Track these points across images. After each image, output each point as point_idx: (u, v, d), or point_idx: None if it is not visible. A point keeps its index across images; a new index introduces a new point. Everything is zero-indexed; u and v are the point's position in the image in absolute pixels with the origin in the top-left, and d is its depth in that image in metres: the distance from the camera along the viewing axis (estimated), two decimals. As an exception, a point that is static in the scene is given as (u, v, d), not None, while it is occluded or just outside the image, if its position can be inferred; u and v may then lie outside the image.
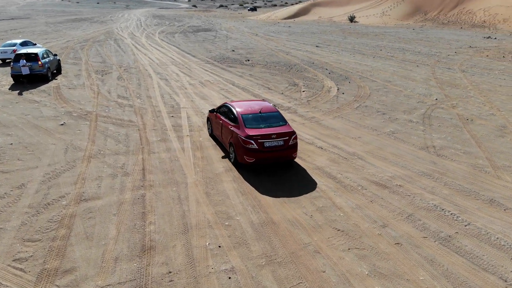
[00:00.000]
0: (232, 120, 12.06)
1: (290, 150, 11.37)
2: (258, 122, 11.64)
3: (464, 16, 71.55)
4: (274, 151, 11.12)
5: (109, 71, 26.07)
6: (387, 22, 72.57)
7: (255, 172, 11.58)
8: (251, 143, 10.97)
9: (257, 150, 10.99)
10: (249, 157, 11.04)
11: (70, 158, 12.32)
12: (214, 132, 13.82)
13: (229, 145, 12.09)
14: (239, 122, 11.64)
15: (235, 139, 11.46)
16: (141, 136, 14.32)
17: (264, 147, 11.03)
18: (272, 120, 11.84)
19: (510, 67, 28.44)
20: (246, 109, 12.12)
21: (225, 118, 12.54)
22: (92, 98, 19.39)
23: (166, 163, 12.15)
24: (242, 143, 11.11)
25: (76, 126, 15.28)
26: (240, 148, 11.19)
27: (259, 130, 11.30)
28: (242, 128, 11.42)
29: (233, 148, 11.68)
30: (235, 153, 11.54)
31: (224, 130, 12.51)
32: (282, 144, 11.17)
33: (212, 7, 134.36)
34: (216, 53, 34.63)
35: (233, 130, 11.69)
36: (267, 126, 11.53)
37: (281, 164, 12.17)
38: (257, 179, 11.17)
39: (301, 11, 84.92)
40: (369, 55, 33.68)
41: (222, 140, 12.89)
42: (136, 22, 66.19)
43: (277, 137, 11.11)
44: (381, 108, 18.23)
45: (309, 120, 16.65)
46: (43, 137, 14.00)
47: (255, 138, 10.99)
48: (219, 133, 13.08)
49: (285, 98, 20.03)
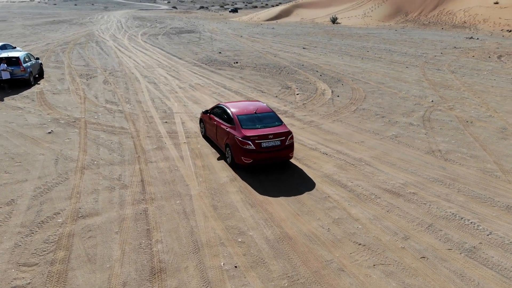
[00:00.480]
0: (228, 121, 11.94)
1: (287, 150, 11.37)
2: (254, 123, 11.56)
3: (445, 16, 72.53)
4: (271, 151, 11.11)
5: (93, 74, 25.07)
6: (369, 23, 73.00)
7: (261, 181, 10.99)
8: (248, 144, 10.90)
9: (254, 151, 10.94)
10: (246, 158, 10.98)
11: (61, 170, 11.48)
12: (208, 134, 13.67)
13: (225, 146, 11.95)
14: (235, 123, 11.54)
15: (232, 140, 11.34)
16: (136, 144, 13.56)
17: (261, 148, 10.99)
18: (268, 120, 11.80)
19: (497, 68, 28.60)
20: (241, 110, 12.03)
21: (220, 119, 12.43)
22: (79, 103, 18.46)
23: (166, 173, 11.44)
24: (239, 144, 11.01)
25: (64, 134, 14.39)
26: (237, 149, 11.11)
27: (256, 130, 11.24)
28: (238, 129, 11.33)
29: (229, 149, 11.54)
30: (232, 154, 11.42)
31: (219, 132, 12.36)
32: (279, 144, 11.18)
33: (192, 9, 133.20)
34: (202, 55, 33.90)
35: (229, 131, 11.59)
36: (264, 127, 11.47)
37: (287, 171, 11.61)
38: (264, 189, 10.58)
39: (283, 13, 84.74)
40: (357, 57, 33.48)
41: (217, 142, 12.75)
42: (116, 24, 64.77)
43: (274, 137, 11.11)
44: (379, 111, 17.87)
45: (308, 124, 16.15)
46: (31, 147, 13.10)
47: (252, 138, 10.93)
48: (214, 135, 12.93)
49: (280, 101, 19.50)
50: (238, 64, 29.67)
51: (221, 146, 12.39)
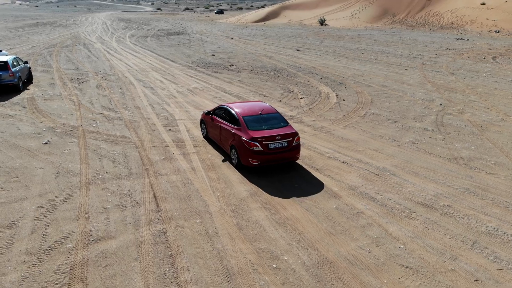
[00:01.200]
0: (233, 123, 11.73)
1: (294, 151, 11.25)
2: (260, 124, 11.40)
3: (432, 18, 72.90)
4: (278, 152, 10.98)
5: (85, 79, 23.93)
6: (357, 24, 72.96)
7: (283, 195, 10.19)
8: (256, 145, 10.76)
9: (262, 152, 10.81)
10: (254, 159, 10.84)
11: (64, 186, 10.48)
12: (210, 135, 13.43)
13: (230, 148, 11.72)
14: (241, 124, 11.36)
15: (238, 142, 11.16)
16: (141, 155, 12.61)
17: (268, 149, 10.87)
18: (274, 121, 11.66)
19: (495, 69, 28.40)
20: (246, 111, 11.85)
21: (224, 121, 12.19)
22: (73, 110, 17.38)
23: (179, 187, 10.54)
24: (247, 146, 10.85)
25: (62, 144, 13.35)
26: (244, 151, 10.94)
27: (263, 132, 11.10)
28: (245, 130, 11.15)
29: (235, 150, 11.34)
30: (238, 155, 11.23)
31: (223, 133, 12.13)
32: (286, 145, 11.06)
33: (177, 10, 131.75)
34: (195, 57, 32.95)
35: (234, 133, 11.40)
36: (270, 128, 11.34)
37: (311, 183, 10.83)
38: (289, 204, 9.78)
39: (271, 14, 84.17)
40: (353, 59, 32.98)
41: (221, 143, 12.53)
42: (102, 26, 63.21)
43: (281, 139, 10.98)
44: (390, 116, 17.25)
45: (319, 130, 15.41)
46: (27, 160, 12.04)
47: (260, 140, 10.78)
48: (217, 136, 12.72)
49: (285, 106, 18.73)
50: (234, 67, 28.83)
51: (226, 147, 12.12)
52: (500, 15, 62.65)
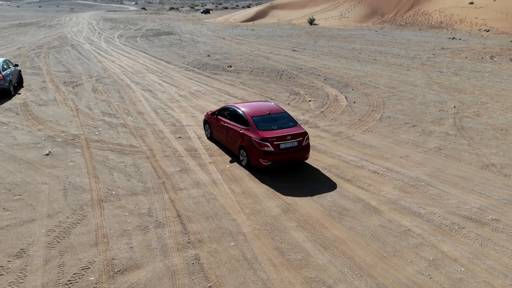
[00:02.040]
0: (241, 123, 11.57)
1: (304, 151, 11.18)
2: (269, 124, 11.27)
3: (421, 17, 73.01)
4: (289, 152, 10.87)
5: (79, 82, 22.69)
6: (347, 24, 72.64)
7: (319, 211, 9.33)
8: (266, 145, 10.63)
9: (273, 153, 10.68)
10: (264, 160, 10.73)
11: (74, 204, 9.43)
12: (215, 136, 13.23)
13: (238, 149, 11.57)
14: (251, 124, 11.21)
15: (248, 142, 11.03)
16: (155, 167, 11.60)
17: (279, 149, 10.75)
18: (282, 121, 11.53)
19: (495, 69, 28.08)
20: (254, 111, 11.70)
21: (232, 121, 12.03)
22: (71, 116, 16.22)
23: (203, 204, 9.59)
24: (257, 146, 10.73)
25: (65, 155, 12.24)
26: (255, 151, 10.82)
27: (273, 132, 10.98)
28: (255, 130, 11.02)
29: (245, 151, 11.23)
30: (248, 156, 11.11)
31: (230, 134, 11.96)
32: (296, 145, 10.96)
33: (162, 10, 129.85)
34: (191, 58, 31.88)
35: (244, 133, 11.26)
36: (280, 128, 11.21)
37: (345, 196, 10.00)
38: (327, 221, 8.94)
39: (259, 14, 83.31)
40: (352, 59, 32.35)
41: (227, 144, 12.36)
42: (88, 26, 61.42)
43: (292, 138, 10.88)
44: (407, 119, 16.56)
45: (337, 135, 14.61)
46: (29, 174, 10.92)
47: (271, 140, 10.66)
48: (223, 137, 12.53)
49: (294, 109, 17.89)
50: (232, 68, 27.87)
51: (233, 148, 11.97)
52: (489, 14, 62.95)
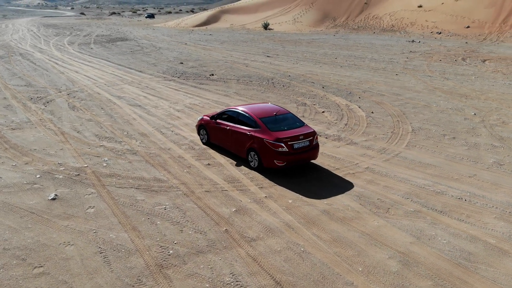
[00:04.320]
0: (249, 125, 11.39)
1: (314, 150, 11.23)
2: (279, 125, 11.21)
3: (372, 21, 74.37)
4: (301, 152, 10.90)
5: (48, 97, 19.34)
6: (301, 29, 72.36)
7: (439, 255, 7.48)
8: (281, 146, 10.57)
9: (287, 153, 10.63)
10: (279, 160, 10.63)
11: (126, 276, 6.87)
12: (214, 141, 12.90)
13: (247, 151, 11.36)
14: (261, 126, 11.09)
15: (259, 144, 10.89)
16: (203, 208, 9.20)
17: (293, 149, 10.72)
18: (290, 121, 11.54)
19: (477, 71, 28.12)
20: (261, 113, 11.59)
21: (236, 124, 11.77)
22: (59, 143, 13.23)
23: (297, 261, 7.40)
24: (271, 147, 10.62)
25: (78, 199, 9.47)
26: (268, 152, 10.71)
27: (285, 132, 10.92)
28: (266, 132, 10.90)
29: (255, 153, 11.06)
30: (260, 158, 10.94)
31: (235, 137, 11.71)
32: (308, 145, 11.01)
33: (102, 15, 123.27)
34: (163, 66, 29.07)
35: (253, 135, 11.09)
36: (290, 128, 11.19)
37: (458, 237, 8.24)
38: (466, 275, 7.13)
39: (211, 19, 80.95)
40: (332, 64, 31.17)
41: (231, 148, 12.09)
42: (29, 33, 55.76)
43: (304, 138, 10.92)
44: (440, 130, 15.30)
45: (384, 153, 12.96)
46: (40, 231, 8.11)
47: (285, 140, 10.61)
48: (225, 141, 12.23)
49: (314, 122, 16.06)
50: (215, 76, 25.54)
51: (239, 151, 11.72)
52: (438, 16, 65.17)
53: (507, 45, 44.76)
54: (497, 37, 52.75)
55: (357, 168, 11.71)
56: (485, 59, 34.43)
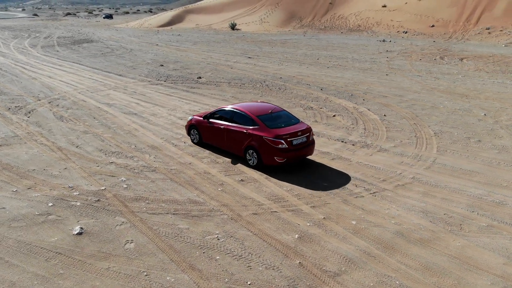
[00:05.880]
0: (246, 123, 11.34)
1: (311, 146, 11.40)
2: (276, 122, 11.26)
3: (338, 21, 74.88)
4: (300, 148, 11.01)
5: (28, 107, 17.30)
6: (269, 29, 71.74)
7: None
8: (281, 142, 10.66)
9: (287, 150, 10.73)
10: (279, 157, 10.71)
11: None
12: (207, 140, 12.72)
13: (245, 150, 11.31)
14: (259, 124, 11.10)
15: (259, 142, 10.90)
16: (259, 235, 7.97)
17: (292, 145, 10.82)
18: (285, 118, 11.62)
19: (461, 70, 28.37)
20: (257, 111, 11.59)
21: (231, 123, 11.71)
22: (59, 160, 11.52)
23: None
24: (271, 144, 10.68)
25: (109, 232, 7.98)
26: (268, 150, 10.76)
27: (283, 129, 10.99)
28: (265, 129, 10.95)
29: (254, 151, 11.06)
30: (260, 155, 10.94)
31: (231, 136, 11.64)
32: (305, 141, 11.17)
33: (56, 16, 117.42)
34: (144, 69, 27.26)
35: (252, 133, 11.08)
36: (287, 125, 11.23)
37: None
38: None
39: (176, 19, 78.69)
40: (317, 65, 30.52)
41: (227, 147, 12.01)
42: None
43: (302, 134, 11.03)
44: (462, 133, 14.81)
45: (420, 160, 12.21)
46: (78, 278, 6.61)
47: (285, 137, 10.72)
48: (220, 140, 12.14)
49: (330, 127, 15.15)
50: (203, 79, 24.14)
51: (236, 150, 11.67)
52: (402, 16, 66.41)
53: (474, 43, 45.97)
54: (462, 36, 54.20)
55: (403, 179, 10.85)
56: (461, 57, 34.92)
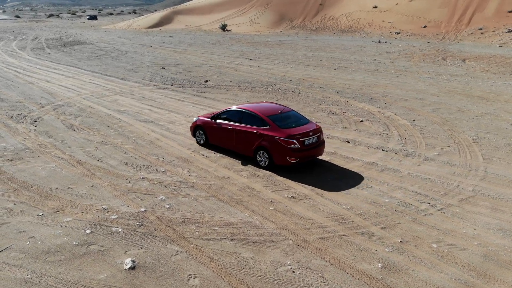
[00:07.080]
0: (256, 124, 11.24)
1: (322, 146, 11.38)
2: (286, 122, 11.20)
3: (329, 22, 74.47)
4: (311, 148, 10.98)
5: (31, 114, 16.00)
6: (260, 30, 70.94)
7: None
8: (293, 142, 10.61)
9: (299, 149, 10.67)
10: (292, 157, 10.64)
11: None
12: (213, 141, 12.56)
13: (255, 150, 11.22)
14: (270, 124, 11.02)
15: (270, 142, 10.82)
16: (337, 265, 7.04)
17: (304, 145, 10.76)
18: (295, 118, 11.55)
19: (468, 72, 27.98)
20: (267, 111, 11.52)
21: (240, 123, 11.59)
22: (83, 176, 10.35)
23: None
24: (284, 144, 10.61)
25: (165, 265, 6.91)
26: (280, 150, 10.70)
27: (294, 129, 10.93)
28: (277, 129, 10.88)
29: (265, 151, 10.98)
30: (271, 156, 10.87)
31: (241, 136, 11.51)
32: (316, 141, 11.14)
33: (38, 17, 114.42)
34: (145, 73, 26.04)
35: (263, 133, 11.01)
36: (297, 125, 11.18)
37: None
38: None
39: (164, 20, 77.18)
40: (325, 67, 29.74)
41: (235, 148, 11.84)
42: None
43: (313, 134, 10.99)
44: (500, 139, 14.18)
45: (472, 170, 11.44)
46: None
47: (297, 137, 10.66)
48: (228, 141, 11.95)
49: (365, 134, 14.29)
50: (210, 83, 23.09)
51: (245, 150, 11.54)
52: (394, 17, 66.38)
53: (469, 44, 45.89)
54: (455, 36, 54.22)
55: (464, 192, 10.03)
56: (463, 58, 34.61)
